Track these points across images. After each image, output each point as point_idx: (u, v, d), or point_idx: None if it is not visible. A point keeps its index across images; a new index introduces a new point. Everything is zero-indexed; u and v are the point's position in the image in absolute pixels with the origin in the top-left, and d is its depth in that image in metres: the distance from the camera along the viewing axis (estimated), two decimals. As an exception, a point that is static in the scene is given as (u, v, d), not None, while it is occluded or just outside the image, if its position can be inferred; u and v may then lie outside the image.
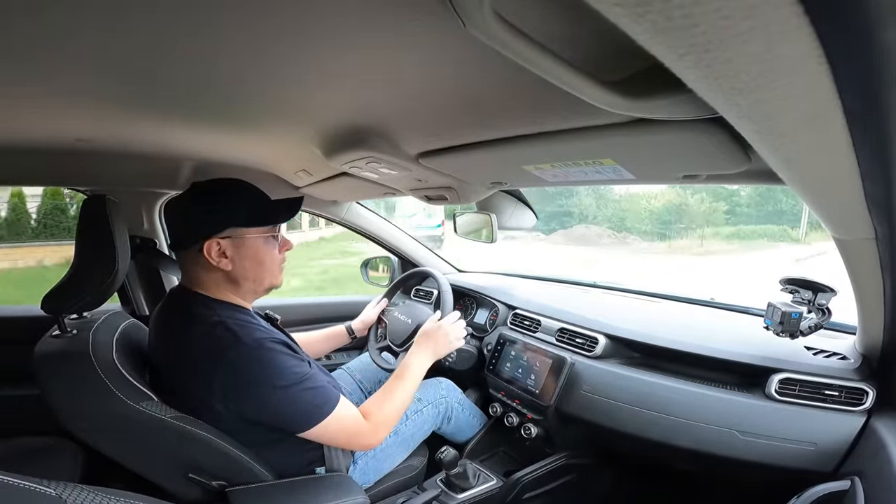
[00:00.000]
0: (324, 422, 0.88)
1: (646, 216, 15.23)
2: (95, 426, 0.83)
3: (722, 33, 0.23)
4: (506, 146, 0.77)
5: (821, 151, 0.40)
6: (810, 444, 0.91)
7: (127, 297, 1.54)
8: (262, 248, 0.95)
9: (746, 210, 15.73)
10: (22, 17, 0.43)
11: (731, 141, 0.55)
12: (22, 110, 0.78)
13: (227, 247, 0.91)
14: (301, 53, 0.51)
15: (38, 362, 0.84)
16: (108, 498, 0.50)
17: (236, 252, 0.92)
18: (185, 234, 0.93)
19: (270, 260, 0.97)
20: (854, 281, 0.83)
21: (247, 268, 0.93)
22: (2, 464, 0.58)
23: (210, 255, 0.90)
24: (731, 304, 1.41)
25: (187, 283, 0.96)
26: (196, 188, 0.93)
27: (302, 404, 0.87)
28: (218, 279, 0.94)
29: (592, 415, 1.18)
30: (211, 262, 0.90)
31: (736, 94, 0.30)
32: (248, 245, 0.93)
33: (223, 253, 0.91)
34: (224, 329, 0.87)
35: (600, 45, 0.42)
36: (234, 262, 0.92)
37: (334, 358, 1.79)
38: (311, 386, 0.89)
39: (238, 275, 0.93)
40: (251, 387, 0.85)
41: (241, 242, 0.92)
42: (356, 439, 0.96)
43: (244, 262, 0.93)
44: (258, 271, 0.95)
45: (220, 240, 0.90)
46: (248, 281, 0.95)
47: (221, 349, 0.84)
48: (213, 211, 0.91)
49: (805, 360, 1.00)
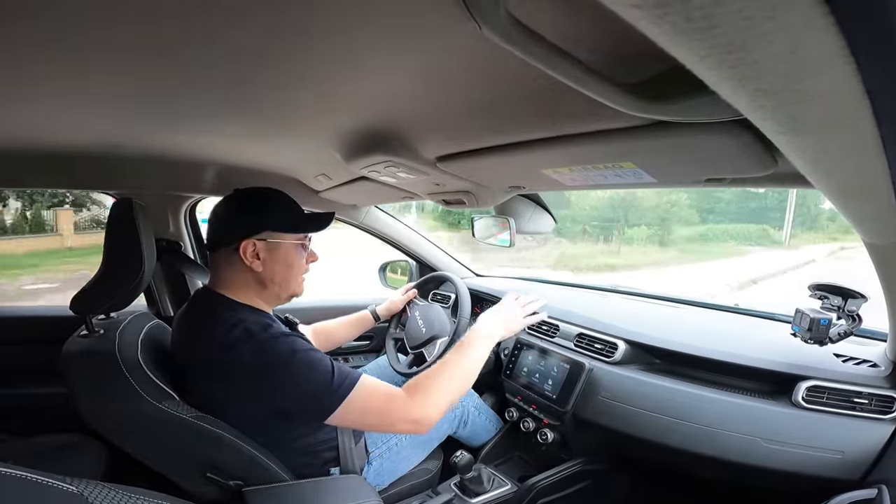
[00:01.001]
0: (348, 399, 0.85)
1: (585, 212, 13.14)
2: (119, 424, 0.86)
3: (744, 34, 0.23)
4: (524, 150, 0.77)
5: (850, 153, 0.39)
6: (837, 453, 0.88)
7: (153, 298, 1.58)
8: (293, 254, 0.99)
9: (726, 207, 14.15)
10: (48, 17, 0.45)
11: (757, 143, 0.53)
12: (56, 114, 0.81)
13: (262, 249, 0.95)
14: (321, 60, 0.52)
15: (65, 361, 0.86)
16: (128, 496, 0.50)
17: (269, 255, 0.96)
18: (224, 232, 0.96)
19: (298, 267, 1.01)
20: (886, 287, 0.80)
21: (276, 271, 0.97)
22: (26, 461, 0.60)
23: (245, 254, 0.93)
24: (757, 309, 1.37)
25: (214, 284, 0.98)
26: (239, 193, 0.98)
27: (320, 383, 0.86)
28: (247, 280, 0.96)
29: (610, 421, 1.16)
30: (244, 262, 0.94)
31: (760, 96, 0.29)
32: (281, 249, 0.97)
33: (257, 254, 0.94)
34: (242, 329, 0.88)
35: (619, 46, 0.41)
36: (265, 264, 0.95)
37: (352, 360, 1.81)
38: (327, 365, 0.88)
39: (266, 277, 0.96)
40: (266, 379, 0.85)
41: (276, 246, 0.96)
42: (393, 414, 0.88)
43: (275, 265, 0.97)
44: (286, 275, 0.99)
45: (257, 241, 0.94)
46: (274, 284, 0.98)
47: (238, 347, 0.86)
48: (253, 213, 0.95)
49: (834, 368, 0.98)
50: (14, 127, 0.92)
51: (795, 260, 11.28)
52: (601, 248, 12.42)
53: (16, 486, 0.42)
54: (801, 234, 14.48)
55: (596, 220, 13.40)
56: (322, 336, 1.43)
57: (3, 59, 0.54)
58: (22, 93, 0.68)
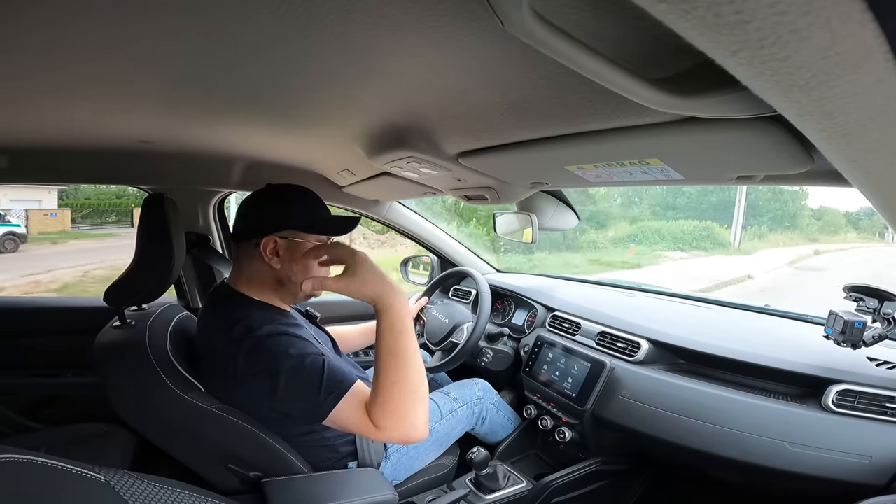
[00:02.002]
0: (335, 409, 0.82)
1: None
2: (146, 414, 0.89)
3: (778, 29, 0.22)
4: (547, 146, 0.76)
5: (889, 151, 0.37)
6: (865, 457, 0.87)
7: (182, 291, 1.63)
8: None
9: (687, 201, 12.51)
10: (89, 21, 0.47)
11: (792, 140, 0.52)
12: (93, 111, 0.85)
13: (283, 247, 0.94)
14: (345, 57, 0.53)
15: (98, 351, 0.90)
16: (152, 485, 0.52)
17: (288, 254, 0.95)
18: (248, 226, 0.97)
19: (316, 268, 0.98)
20: None
21: (294, 270, 0.96)
22: (58, 449, 0.63)
23: (265, 251, 0.93)
24: (787, 311, 1.33)
25: (233, 278, 1.00)
26: (270, 188, 0.98)
27: (306, 391, 0.82)
28: (264, 276, 0.97)
29: (631, 421, 1.15)
30: (264, 258, 0.94)
31: (796, 92, 0.28)
32: (301, 249, 0.95)
33: (277, 251, 0.94)
34: (243, 326, 0.88)
35: (646, 41, 0.40)
36: (283, 262, 0.95)
37: (371, 354, 1.83)
38: (318, 365, 0.84)
39: (284, 276, 0.96)
40: (256, 379, 0.85)
41: (296, 245, 0.95)
42: (372, 436, 0.84)
43: (293, 264, 0.95)
44: (303, 276, 0.96)
45: (279, 238, 0.94)
46: (291, 283, 0.97)
47: (237, 345, 0.87)
48: (279, 211, 0.95)
49: (867, 372, 0.96)
50: (55, 125, 0.96)
51: (727, 273, 8.91)
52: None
53: (47, 474, 0.44)
54: (772, 235, 13.18)
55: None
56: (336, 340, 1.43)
57: (45, 61, 0.57)
58: (63, 94, 0.71)
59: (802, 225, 16.71)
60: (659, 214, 13.46)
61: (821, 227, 18.50)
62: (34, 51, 0.54)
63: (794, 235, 15.05)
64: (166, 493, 0.54)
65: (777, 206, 15.50)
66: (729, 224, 12.32)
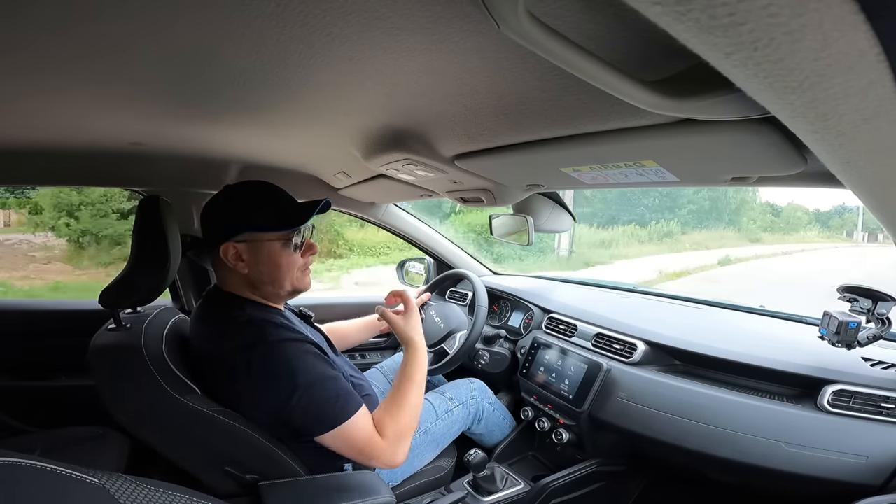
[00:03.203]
0: (338, 429, 0.87)
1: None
2: (141, 417, 0.88)
3: (772, 31, 0.22)
4: (543, 148, 0.76)
5: (883, 152, 0.38)
6: (861, 457, 0.87)
7: (177, 293, 1.62)
8: (279, 252, 0.94)
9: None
10: (81, 24, 0.47)
11: (785, 142, 0.52)
12: (85, 113, 0.84)
13: (244, 251, 0.92)
14: (340, 58, 0.52)
15: (93, 354, 0.88)
16: (148, 488, 0.52)
17: (252, 256, 0.93)
18: (205, 235, 0.96)
19: (288, 264, 0.96)
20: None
21: (263, 272, 0.94)
22: (52, 452, 0.62)
23: (227, 257, 0.92)
24: (782, 312, 1.34)
25: (219, 282, 0.99)
26: (226, 190, 0.95)
27: (317, 406, 0.86)
28: (239, 281, 0.96)
29: (628, 422, 1.15)
30: (228, 265, 0.93)
31: (789, 93, 0.29)
32: (263, 249, 0.93)
33: (239, 256, 0.92)
34: (252, 328, 0.89)
35: (641, 43, 0.40)
36: (249, 265, 0.93)
37: (368, 357, 1.82)
38: (330, 387, 0.88)
39: (255, 278, 0.94)
40: (270, 385, 0.86)
41: (257, 247, 0.93)
42: (371, 454, 0.90)
43: (259, 266, 0.93)
44: (275, 275, 0.95)
45: (236, 244, 0.91)
46: (265, 284, 0.95)
47: (246, 348, 0.87)
48: (229, 215, 0.92)
49: (862, 372, 0.96)
50: (46, 128, 0.95)
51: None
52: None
53: (41, 477, 0.44)
54: (694, 234, 11.04)
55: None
56: (335, 336, 1.42)
57: (33, 62, 0.57)
58: (51, 96, 0.71)
59: (743, 222, 14.24)
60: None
61: (772, 224, 16.16)
62: (22, 52, 0.53)
63: (726, 234, 12.57)
64: (162, 496, 0.53)
65: (701, 197, 12.25)
66: (636, 220, 10.06)
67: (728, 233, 12.90)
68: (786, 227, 17.10)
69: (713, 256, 10.99)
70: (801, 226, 17.66)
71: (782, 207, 17.63)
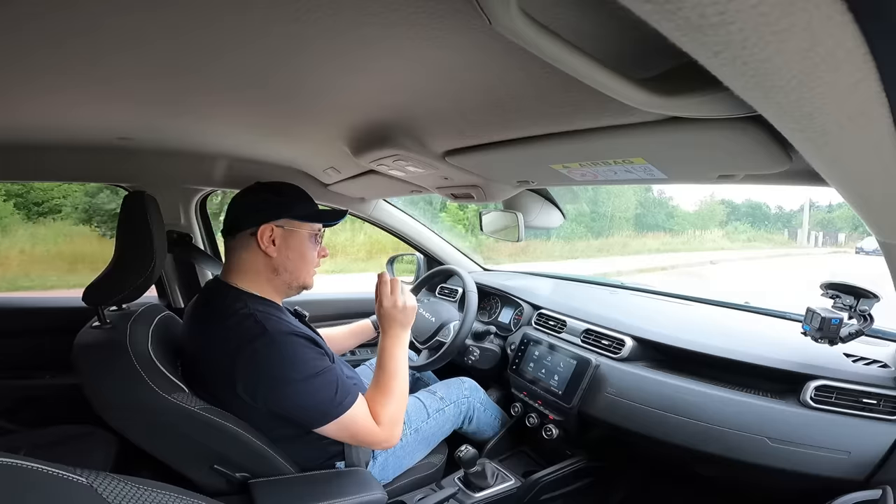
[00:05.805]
0: (339, 419, 0.90)
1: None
2: (128, 415, 0.86)
3: (760, 30, 0.22)
4: (533, 145, 0.76)
5: (866, 151, 0.38)
6: (844, 453, 0.88)
7: (164, 290, 1.60)
8: (307, 244, 1.01)
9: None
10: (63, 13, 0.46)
11: (771, 140, 0.53)
12: (69, 106, 0.82)
13: (278, 235, 0.97)
14: (330, 54, 0.52)
15: (77, 352, 0.87)
16: (136, 487, 0.51)
17: (284, 242, 0.98)
18: (244, 216, 0.98)
19: (310, 258, 1.03)
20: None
21: (289, 258, 0.99)
22: (37, 451, 0.61)
23: (262, 238, 0.96)
24: (767, 308, 1.36)
25: (227, 273, 1.00)
26: (262, 184, 1.02)
27: (319, 398, 0.89)
28: (260, 266, 0.98)
29: (616, 417, 1.16)
30: (259, 247, 0.96)
31: (776, 93, 0.29)
32: (296, 237, 0.99)
33: (273, 240, 0.97)
34: (253, 321, 0.89)
35: (631, 42, 0.41)
36: (279, 250, 0.98)
37: (359, 353, 1.82)
38: (330, 380, 0.90)
39: (280, 264, 0.98)
40: (271, 378, 0.87)
41: (291, 234, 0.99)
42: (371, 440, 0.96)
43: (289, 252, 0.99)
44: (298, 264, 1.01)
45: (275, 226, 0.97)
46: (286, 272, 1.00)
47: (247, 340, 0.87)
48: (274, 201, 0.98)
49: (844, 368, 0.97)
50: (29, 122, 0.93)
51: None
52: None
53: (27, 476, 0.43)
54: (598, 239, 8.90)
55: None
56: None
57: (15, 56, 0.55)
58: (36, 89, 0.69)
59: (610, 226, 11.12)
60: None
61: (656, 225, 12.54)
62: (4, 43, 0.52)
63: (573, 246, 9.76)
64: (150, 494, 0.53)
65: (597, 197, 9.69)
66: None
67: (577, 244, 10.21)
68: (680, 226, 13.87)
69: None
70: (708, 224, 14.32)
71: (672, 204, 13.98)
